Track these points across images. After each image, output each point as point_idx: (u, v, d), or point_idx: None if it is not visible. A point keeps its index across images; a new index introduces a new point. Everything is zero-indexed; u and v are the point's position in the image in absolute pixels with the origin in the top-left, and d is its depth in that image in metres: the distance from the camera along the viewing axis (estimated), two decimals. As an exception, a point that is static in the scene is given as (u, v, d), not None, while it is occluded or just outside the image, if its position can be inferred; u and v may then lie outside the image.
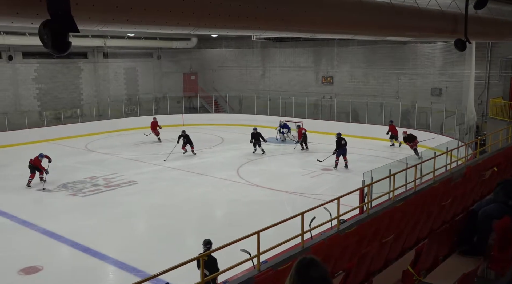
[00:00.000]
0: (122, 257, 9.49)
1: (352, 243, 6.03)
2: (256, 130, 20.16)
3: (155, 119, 23.07)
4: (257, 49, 29.85)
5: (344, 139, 17.39)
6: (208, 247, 7.66)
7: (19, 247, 10.21)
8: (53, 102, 25.89)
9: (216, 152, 20.85)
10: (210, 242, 7.84)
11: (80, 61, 27.04)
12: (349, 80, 26.18)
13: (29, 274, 8.83)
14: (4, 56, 23.80)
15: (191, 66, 32.19)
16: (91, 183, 15.46)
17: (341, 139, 17.36)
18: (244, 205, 13.07)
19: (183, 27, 7.39)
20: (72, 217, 12.22)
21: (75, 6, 5.28)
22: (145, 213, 12.83)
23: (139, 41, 28.21)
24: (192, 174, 16.68)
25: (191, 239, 11.14)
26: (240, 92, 29.83)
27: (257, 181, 15.56)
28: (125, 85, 29.44)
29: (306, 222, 7.57)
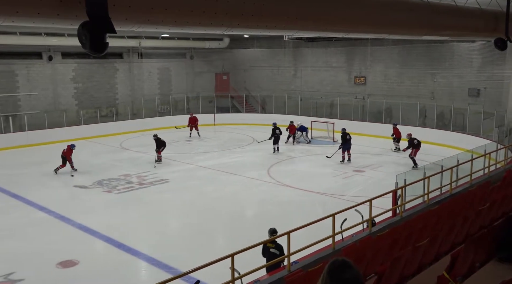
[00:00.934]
0: (154, 254, 9.67)
1: (385, 246, 5.93)
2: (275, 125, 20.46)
3: (192, 114, 23.40)
4: (288, 49, 29.77)
5: (349, 135, 18.25)
6: (274, 235, 7.62)
7: (57, 241, 10.57)
8: (90, 101, 26.66)
9: (246, 151, 20.93)
10: (276, 231, 7.85)
11: (116, 61, 27.73)
12: (383, 80, 25.73)
13: (66, 267, 9.12)
14: (45, 57, 24.71)
15: (223, 66, 32.44)
16: (125, 180, 15.83)
17: (346, 134, 18.24)
18: (275, 205, 13.06)
19: (216, 28, 7.47)
20: (107, 213, 12.54)
21: (112, 8, 5.42)
22: (177, 210, 13.02)
23: (173, 42, 28.67)
24: (223, 173, 16.81)
25: (221, 238, 11.24)
26: (272, 92, 29.82)
27: (288, 181, 15.52)
28: (158, 85, 29.99)
29: (337, 224, 7.49)
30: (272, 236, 7.57)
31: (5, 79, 23.44)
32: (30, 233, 11.10)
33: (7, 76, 23.52)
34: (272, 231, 7.87)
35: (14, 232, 11.20)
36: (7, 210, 12.85)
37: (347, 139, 18.14)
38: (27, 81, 24.21)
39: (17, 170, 17.65)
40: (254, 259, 8.68)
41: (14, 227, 11.51)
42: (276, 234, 7.52)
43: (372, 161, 18.46)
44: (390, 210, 9.27)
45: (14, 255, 9.77)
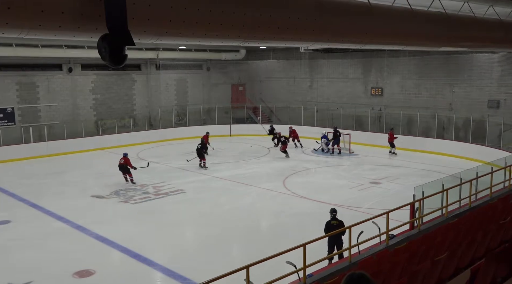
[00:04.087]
0: (169, 265, 9.67)
1: (402, 259, 5.83)
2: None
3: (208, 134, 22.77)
4: (305, 60, 29.83)
5: (339, 132, 22.39)
6: (334, 215, 9.56)
7: (74, 251, 10.67)
8: (108, 112, 27.06)
9: (262, 162, 20.92)
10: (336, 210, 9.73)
11: (134, 73, 28.16)
12: (400, 91, 25.54)
13: (82, 277, 9.19)
14: (65, 68, 25.23)
15: (239, 77, 32.64)
16: (142, 190, 15.94)
17: (337, 131, 22.26)
18: (290, 217, 12.98)
19: (233, 39, 7.54)
20: (123, 223, 12.63)
21: (132, 20, 5.53)
22: (193, 221, 13.04)
23: (190, 53, 29.02)
24: (239, 184, 16.81)
25: (237, 249, 11.19)
26: (288, 103, 29.85)
27: (303, 192, 15.43)
28: (175, 96, 30.31)
29: (353, 236, 7.41)
30: (333, 215, 9.48)
31: (26, 91, 23.99)
32: (48, 243, 11.23)
33: (28, 87, 24.08)
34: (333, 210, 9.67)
35: (33, 241, 11.34)
36: (26, 220, 13.04)
37: (337, 136, 22.12)
38: (47, 92, 24.72)
39: (36, 179, 17.95)
40: (269, 270, 8.61)
41: (33, 237, 11.66)
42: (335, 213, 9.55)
43: (389, 172, 18.26)
44: (407, 222, 9.12)
45: (32, 264, 9.89)
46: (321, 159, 21.57)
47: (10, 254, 10.52)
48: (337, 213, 9.61)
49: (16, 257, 10.31)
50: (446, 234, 6.90)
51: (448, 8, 9.92)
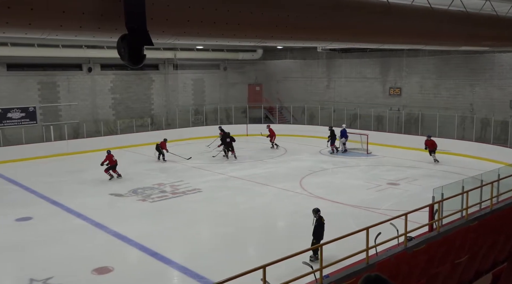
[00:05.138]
0: (186, 263, 9.74)
1: (421, 262, 5.74)
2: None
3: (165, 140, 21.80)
4: (322, 60, 29.68)
5: (334, 131, 22.60)
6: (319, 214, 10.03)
7: (93, 248, 10.83)
8: (126, 111, 27.38)
9: (279, 162, 20.89)
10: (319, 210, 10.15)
11: (152, 73, 28.42)
12: (419, 91, 25.20)
13: (101, 274, 9.32)
14: (85, 68, 25.62)
15: (256, 77, 32.66)
16: (159, 189, 16.08)
17: (333, 131, 22.56)
18: (306, 217, 12.87)
19: (250, 39, 7.55)
20: (141, 222, 12.76)
21: (150, 21, 5.58)
22: (209, 220, 13.10)
23: (207, 53, 29.15)
24: (255, 183, 16.82)
25: (253, 249, 11.20)
26: (304, 103, 29.74)
27: (320, 193, 15.35)
28: (192, 95, 30.49)
29: (371, 238, 7.34)
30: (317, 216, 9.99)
31: (47, 90, 24.45)
32: (67, 239, 11.43)
33: (49, 87, 24.53)
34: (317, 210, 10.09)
35: (53, 238, 11.56)
36: (47, 217, 13.29)
37: (334, 135, 22.39)
38: (67, 92, 25.14)
39: (56, 177, 18.28)
40: (286, 270, 8.60)
41: (53, 233, 11.88)
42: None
43: (407, 173, 18.03)
44: (426, 224, 8.99)
45: (53, 260, 10.07)
46: (338, 159, 21.43)
47: (31, 250, 10.74)
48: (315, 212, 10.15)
49: (36, 253, 10.51)
50: (466, 236, 6.78)
51: (469, 6, 9.75)
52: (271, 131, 24.08)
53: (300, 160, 21.11)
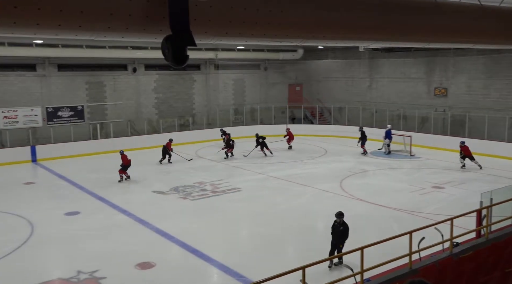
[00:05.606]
0: (226, 261, 9.83)
1: (468, 269, 5.53)
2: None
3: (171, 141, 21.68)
4: (364, 60, 29.15)
5: (365, 132, 22.33)
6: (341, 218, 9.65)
7: (136, 243, 11.14)
8: (169, 110, 28.01)
9: (318, 163, 20.70)
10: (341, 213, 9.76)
11: (194, 73, 28.92)
12: (466, 92, 24.23)
13: (144, 269, 9.57)
14: (130, 69, 26.43)
15: (296, 77, 32.52)
16: (200, 187, 16.33)
17: (364, 132, 22.28)
18: (346, 219, 12.61)
19: (292, 39, 7.52)
20: (182, 219, 13.01)
21: (194, 22, 5.68)
22: (248, 220, 13.16)
23: (248, 53, 29.31)
24: (294, 184, 16.74)
25: (291, 250, 11.16)
26: (345, 103, 29.32)
27: (361, 195, 15.08)
28: (233, 95, 30.78)
29: (414, 242, 7.13)
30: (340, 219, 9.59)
31: (95, 90, 25.41)
32: (112, 234, 11.82)
33: (96, 87, 25.49)
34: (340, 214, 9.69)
35: (99, 232, 11.99)
36: (93, 212, 13.81)
37: (365, 136, 22.09)
38: (113, 91, 26.02)
39: (102, 174, 18.95)
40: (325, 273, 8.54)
41: (99, 228, 12.33)
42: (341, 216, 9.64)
43: (453, 177, 17.40)
44: (474, 230, 8.63)
45: (98, 253, 10.45)
46: (380, 160, 20.98)
47: (78, 243, 11.19)
48: (339, 216, 9.70)
49: (83, 246, 10.94)
50: (517, 244, 6.46)
51: (523, 2, 9.28)
52: (290, 134, 23.84)
53: (340, 161, 20.83)
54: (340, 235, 9.44)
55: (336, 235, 9.52)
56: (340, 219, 9.60)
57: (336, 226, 9.60)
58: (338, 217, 9.64)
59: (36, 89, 23.64)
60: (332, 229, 9.68)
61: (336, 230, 9.58)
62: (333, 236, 9.59)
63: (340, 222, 9.57)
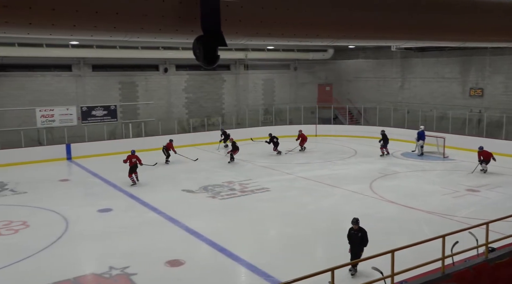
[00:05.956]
0: (254, 261, 9.86)
1: (505, 275, 5.34)
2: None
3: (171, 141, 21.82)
4: (396, 59, 28.62)
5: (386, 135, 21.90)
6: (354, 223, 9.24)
7: (166, 241, 11.32)
8: (199, 110, 28.32)
9: (348, 163, 20.47)
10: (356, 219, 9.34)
11: (223, 73, 29.14)
12: (503, 92, 23.42)
13: (173, 266, 9.72)
14: (161, 69, 26.89)
15: (327, 77, 32.26)
16: (228, 187, 16.43)
17: (386, 135, 21.86)
18: (377, 221, 12.53)
19: (322, 39, 7.45)
20: (210, 218, 13.12)
21: (225, 22, 5.71)
22: (276, 220, 13.15)
23: (278, 53, 29.29)
24: (323, 185, 16.61)
25: (319, 251, 11.07)
26: (376, 104, 28.86)
27: (392, 197, 14.82)
28: (262, 95, 30.82)
29: (447, 246, 6.96)
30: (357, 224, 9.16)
31: (127, 90, 25.98)
32: (143, 231, 12.05)
33: (129, 86, 26.05)
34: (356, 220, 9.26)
35: (131, 229, 12.25)
36: (125, 209, 14.13)
37: (387, 138, 21.74)
38: (145, 91, 26.53)
39: (134, 172, 19.31)
40: (353, 275, 8.43)
41: (131, 225, 12.60)
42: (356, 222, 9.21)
43: (488, 180, 16.85)
44: (511, 236, 8.34)
45: (130, 250, 10.67)
46: (411, 162, 20.55)
47: (110, 239, 11.47)
48: (355, 223, 9.20)
49: (115, 243, 11.20)
50: (557, 251, 6.20)
51: None
52: (302, 136, 23.31)
53: (370, 162, 20.53)
54: (360, 242, 9.03)
55: (355, 243, 9.09)
56: (356, 225, 9.16)
57: (353, 234, 9.16)
58: (355, 223, 9.19)
59: (72, 89, 24.37)
60: (349, 237, 9.25)
61: (353, 237, 9.14)
62: (352, 244, 9.17)
63: (357, 228, 9.13)
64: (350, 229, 9.24)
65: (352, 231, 9.18)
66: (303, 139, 23.27)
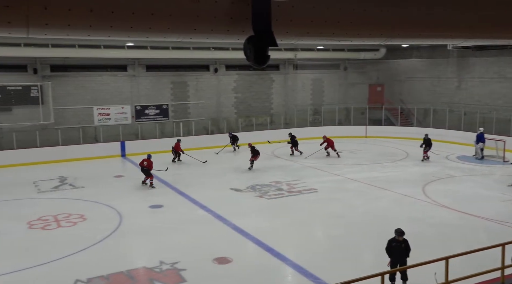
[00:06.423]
0: (300, 261, 9.80)
1: None
2: None
3: (179, 141, 21.99)
4: (452, 59, 27.44)
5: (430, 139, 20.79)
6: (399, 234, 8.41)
7: (214, 238, 11.51)
8: (247, 110, 28.56)
9: (399, 166, 19.87)
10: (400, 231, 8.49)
11: (273, 73, 29.20)
12: None
13: (221, 263, 9.86)
14: (211, 69, 27.37)
15: (378, 77, 31.50)
16: (276, 187, 16.44)
17: (429, 139, 20.69)
18: (429, 227, 12.08)
19: (374, 38, 7.29)
20: (258, 217, 13.19)
21: (275, 22, 5.72)
22: (324, 221, 13.00)
23: (327, 53, 28.96)
24: (373, 187, 16.23)
25: (367, 255, 10.82)
26: (431, 105, 27.81)
27: (446, 201, 14.22)
28: (311, 95, 30.60)
29: (507, 255, 6.59)
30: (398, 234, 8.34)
31: (179, 90, 26.67)
32: (192, 228, 12.32)
33: (180, 86, 26.74)
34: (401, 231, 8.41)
35: (180, 225, 12.57)
36: (175, 206, 14.51)
37: (430, 143, 20.58)
38: (196, 91, 27.12)
39: (184, 170, 19.83)
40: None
41: (180, 221, 12.92)
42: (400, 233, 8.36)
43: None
44: None
45: (179, 246, 10.94)
46: (468, 166, 19.63)
47: (161, 235, 11.82)
48: (402, 234, 8.35)
49: (165, 238, 11.53)
50: None
51: None
52: (328, 140, 21.93)
53: (423, 165, 19.83)
54: (404, 254, 8.22)
55: (397, 255, 8.23)
56: (401, 237, 8.35)
57: (396, 246, 8.31)
58: (399, 235, 8.34)
59: (127, 89, 25.35)
60: (389, 250, 8.39)
61: (397, 249, 8.27)
62: (393, 256, 8.32)
63: (401, 240, 8.33)
64: (392, 241, 8.43)
65: (394, 243, 8.38)
66: (329, 143, 21.93)
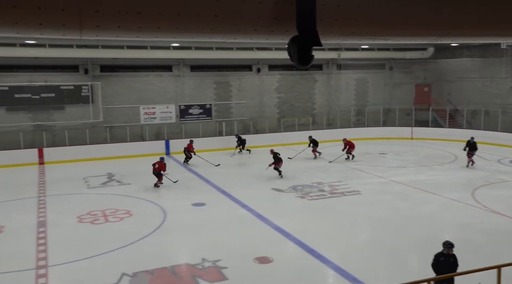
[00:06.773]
0: (343, 264, 9.65)
1: None
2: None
3: (191, 142, 21.71)
4: (506, 58, 26.14)
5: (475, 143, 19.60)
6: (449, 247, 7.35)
7: (255, 237, 11.56)
8: (290, 110, 28.48)
9: (447, 169, 19.16)
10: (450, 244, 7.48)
11: (316, 73, 28.97)
12: None
13: (262, 263, 9.88)
14: (254, 69, 27.52)
15: (425, 77, 30.52)
16: (318, 188, 16.29)
17: (475, 143, 19.54)
18: (479, 233, 11.57)
19: (423, 38, 7.08)
20: (299, 218, 13.11)
21: (320, 22, 5.67)
22: (367, 224, 12.74)
23: (372, 53, 28.39)
24: (419, 190, 15.74)
25: (412, 260, 10.51)
26: (482, 106, 26.63)
27: (498, 207, 13.56)
28: (354, 96, 30.09)
29: None
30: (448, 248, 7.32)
31: (221, 89, 27.01)
32: (233, 226, 12.43)
33: (223, 86, 27.06)
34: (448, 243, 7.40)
35: (221, 224, 12.70)
36: (218, 204, 14.69)
37: (475, 147, 19.44)
38: (238, 91, 27.36)
39: (226, 169, 20.05)
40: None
41: (221, 219, 13.07)
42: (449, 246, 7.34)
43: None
44: None
45: (221, 244, 11.06)
46: (521, 170, 18.64)
47: (203, 232, 12.00)
48: (452, 247, 7.34)
49: (207, 236, 11.69)
50: None
51: None
52: (349, 143, 21.17)
53: (473, 169, 19.01)
54: (452, 270, 7.11)
55: (445, 272, 6.99)
56: (451, 250, 7.31)
57: (444, 261, 7.24)
58: (449, 248, 7.29)
59: (171, 88, 25.95)
60: (436, 266, 7.31)
61: (445, 265, 7.19)
62: (439, 272, 7.16)
63: (450, 254, 7.32)
64: (439, 255, 7.36)
65: (442, 257, 7.30)
66: (351, 146, 21.19)
